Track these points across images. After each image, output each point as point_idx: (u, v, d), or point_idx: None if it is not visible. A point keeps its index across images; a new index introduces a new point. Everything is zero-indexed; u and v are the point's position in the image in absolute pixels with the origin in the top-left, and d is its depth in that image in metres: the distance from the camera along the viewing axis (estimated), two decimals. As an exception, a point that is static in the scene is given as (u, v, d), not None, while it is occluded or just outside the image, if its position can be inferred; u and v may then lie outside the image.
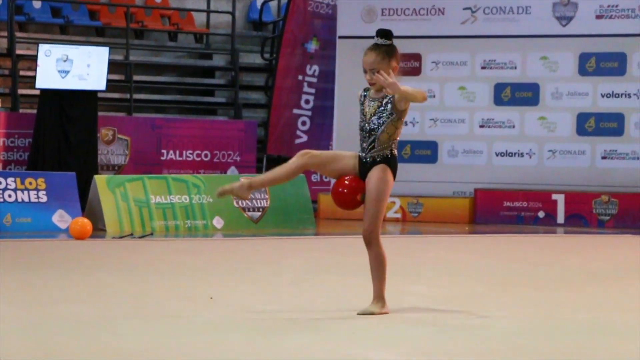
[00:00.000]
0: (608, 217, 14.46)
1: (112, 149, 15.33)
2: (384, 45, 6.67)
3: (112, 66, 15.34)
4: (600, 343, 6.01)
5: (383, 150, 6.55)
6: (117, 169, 15.27)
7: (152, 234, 12.46)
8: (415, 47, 15.42)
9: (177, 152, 15.74)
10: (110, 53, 14.56)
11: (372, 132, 6.57)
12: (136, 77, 16.61)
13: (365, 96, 6.70)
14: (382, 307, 6.57)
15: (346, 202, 6.63)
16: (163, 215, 12.85)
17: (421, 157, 15.46)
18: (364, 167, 6.59)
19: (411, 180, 15.37)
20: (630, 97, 14.81)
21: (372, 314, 6.54)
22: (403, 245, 12.23)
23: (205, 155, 15.90)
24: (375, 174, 6.53)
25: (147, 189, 12.86)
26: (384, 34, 6.68)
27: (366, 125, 6.60)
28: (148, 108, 16.86)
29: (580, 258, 10.85)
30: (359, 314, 6.57)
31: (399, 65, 6.68)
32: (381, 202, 6.51)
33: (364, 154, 6.59)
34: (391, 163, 6.58)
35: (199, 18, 18.22)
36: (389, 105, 6.59)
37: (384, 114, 6.59)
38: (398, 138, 6.63)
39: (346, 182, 6.58)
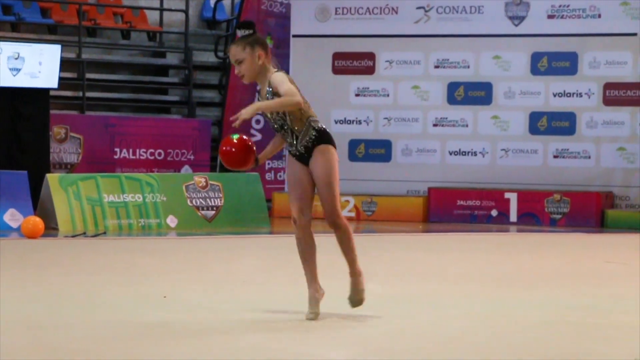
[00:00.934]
0: (560, 216, 14.57)
1: (65, 147, 15.22)
2: (246, 36, 6.39)
3: (65, 64, 15.23)
4: (549, 341, 6.06)
5: (307, 133, 6.39)
6: (70, 168, 15.17)
7: (105, 233, 12.40)
8: (369, 46, 15.45)
9: (131, 150, 15.66)
10: (62, 51, 14.46)
11: (284, 127, 6.43)
12: (89, 75, 16.51)
13: (258, 99, 6.56)
14: (363, 281, 6.56)
15: (237, 162, 6.42)
16: (116, 214, 12.78)
17: (375, 156, 15.50)
18: (304, 158, 6.47)
19: (365, 179, 15.40)
20: (581, 96, 14.94)
21: (361, 301, 6.55)
22: (357, 244, 12.23)
23: (159, 154, 15.83)
24: (317, 159, 6.39)
25: (100, 188, 12.79)
26: (243, 25, 6.45)
27: (274, 124, 6.47)
28: (101, 106, 16.76)
29: (532, 256, 10.92)
30: (353, 306, 6.56)
31: (266, 52, 6.40)
32: (333, 184, 6.41)
33: (294, 149, 6.44)
34: (324, 138, 6.41)
35: (152, 16, 18.13)
36: (275, 97, 6.38)
37: None
38: (311, 113, 6.41)
39: (234, 140, 6.42)
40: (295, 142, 6.45)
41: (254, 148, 6.51)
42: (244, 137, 6.52)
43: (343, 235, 6.66)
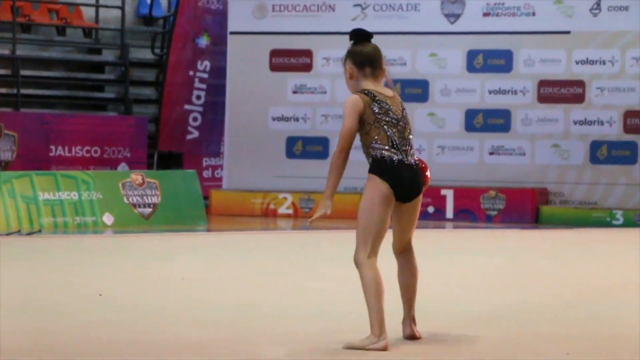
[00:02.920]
0: (495, 212, 14.70)
1: (-1, 144, 15.05)
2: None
3: (-1, 61, 15.05)
4: (483, 332, 6.11)
5: (369, 158, 5.95)
6: (4, 165, 15.00)
7: (40, 231, 12.28)
8: (306, 43, 15.46)
9: (66, 148, 15.52)
10: (-4, 47, 14.29)
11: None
12: (23, 72, 16.32)
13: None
14: (374, 342, 5.58)
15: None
16: (51, 212, 12.67)
17: (312, 153, 15.52)
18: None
19: (303, 176, 15.42)
20: (516, 93, 15.08)
21: (352, 347, 5.60)
22: (295, 241, 12.27)
23: (95, 152, 15.72)
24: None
25: (35, 186, 12.67)
26: (353, 34, 6.08)
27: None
28: (36, 103, 16.59)
29: (467, 253, 11.01)
30: (345, 347, 5.64)
31: (359, 67, 5.98)
32: (363, 218, 5.89)
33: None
34: (373, 168, 5.86)
35: (88, 12, 17.98)
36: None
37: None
38: (373, 142, 5.88)
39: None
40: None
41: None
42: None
43: (363, 284, 5.78)
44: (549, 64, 14.92)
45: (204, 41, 16.40)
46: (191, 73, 16.38)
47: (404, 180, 5.80)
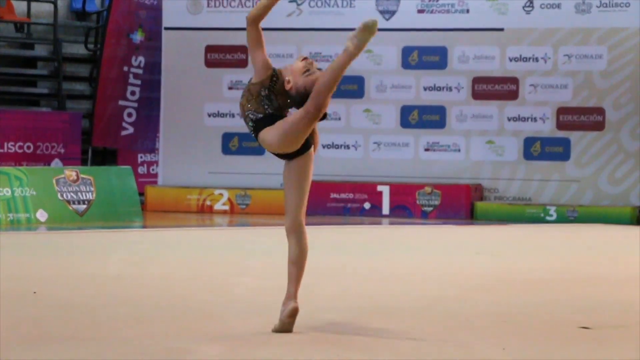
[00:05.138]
0: (431, 208, 14.78)
1: None
2: None
3: None
4: (434, 327, 6.14)
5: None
6: None
7: (-28, 228, 12.12)
8: (242, 39, 15.34)
9: (-1, 143, 15.33)
10: None
11: (270, 96, 6.02)
12: (-46, 67, 16.10)
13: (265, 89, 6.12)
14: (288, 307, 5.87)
15: None
16: (-16, 209, 12.50)
17: (248, 149, 15.48)
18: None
19: (239, 172, 15.38)
20: (451, 90, 15.17)
21: (288, 331, 5.83)
22: (231, 237, 12.24)
23: (28, 147, 15.53)
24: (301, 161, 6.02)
25: (-33, 182, 12.49)
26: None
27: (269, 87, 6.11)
28: (-33, 99, 16.37)
29: (404, 249, 11.06)
30: (273, 331, 5.84)
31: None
32: (307, 186, 6.05)
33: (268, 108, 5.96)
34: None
35: (20, 7, 17.76)
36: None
37: None
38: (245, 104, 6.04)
39: None
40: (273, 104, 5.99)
41: None
42: None
43: (297, 253, 6.09)
44: (483, 60, 15.03)
45: (138, 36, 16.28)
46: (125, 68, 16.26)
47: None
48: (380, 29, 16.09)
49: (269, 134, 5.95)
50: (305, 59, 6.12)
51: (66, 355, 5.30)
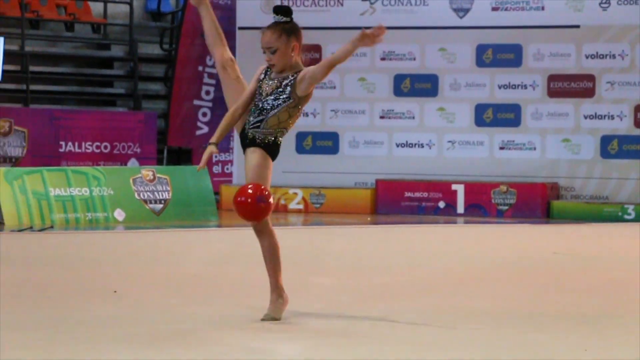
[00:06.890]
0: (507, 207, 14.68)
1: (9, 140, 15.06)
2: (282, 22, 6.11)
3: (7, 57, 15.03)
4: (508, 333, 6.11)
5: (267, 134, 6.13)
6: (15, 161, 15.01)
7: (52, 227, 12.28)
8: (315, 38, 15.44)
9: (76, 143, 15.53)
10: (5, 43, 14.28)
11: (263, 112, 6.10)
12: (32, 68, 16.33)
13: (266, 73, 6.19)
14: (283, 303, 6.18)
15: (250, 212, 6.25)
16: (63, 208, 12.67)
17: (322, 148, 15.50)
18: (244, 137, 6.18)
19: (313, 171, 15.41)
20: (526, 88, 15.05)
21: (274, 319, 6.13)
22: (306, 237, 12.26)
23: (105, 147, 15.72)
24: (255, 159, 6.13)
25: (46, 182, 12.67)
26: (282, 10, 6.13)
27: (260, 103, 6.12)
28: (45, 99, 16.59)
29: (482, 248, 11.00)
30: (262, 319, 6.13)
31: (300, 44, 6.14)
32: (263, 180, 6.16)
33: (247, 126, 6.16)
34: (272, 151, 6.16)
35: (96, 8, 17.97)
36: (288, 89, 6.10)
37: (281, 97, 6.10)
38: (289, 129, 6.17)
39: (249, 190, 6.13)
40: (252, 124, 6.14)
41: (270, 200, 6.19)
42: (261, 187, 6.15)
43: (267, 250, 6.52)
44: (558, 58, 14.89)
45: (213, 36, 16.36)
46: (200, 68, 16.38)
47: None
48: (454, 27, 15.94)
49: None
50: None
51: (147, 355, 5.35)
